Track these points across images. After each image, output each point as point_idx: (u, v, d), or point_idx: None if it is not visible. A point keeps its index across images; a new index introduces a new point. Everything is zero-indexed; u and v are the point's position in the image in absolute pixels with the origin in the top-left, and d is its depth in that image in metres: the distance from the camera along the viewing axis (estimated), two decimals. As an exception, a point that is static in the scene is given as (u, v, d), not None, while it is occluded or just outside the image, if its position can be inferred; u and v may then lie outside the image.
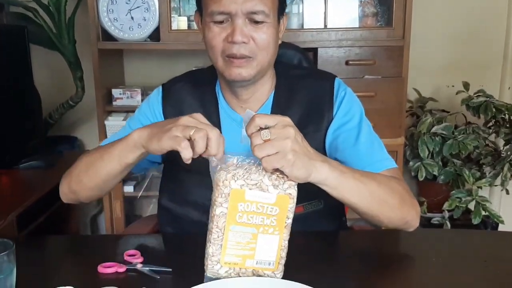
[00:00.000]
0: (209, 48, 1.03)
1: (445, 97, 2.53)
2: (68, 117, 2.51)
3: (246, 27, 0.99)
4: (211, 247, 0.81)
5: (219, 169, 0.79)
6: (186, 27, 2.19)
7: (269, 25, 1.01)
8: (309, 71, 1.21)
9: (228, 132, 1.08)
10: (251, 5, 0.98)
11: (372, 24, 2.20)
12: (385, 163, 1.05)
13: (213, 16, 0.99)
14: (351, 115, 1.09)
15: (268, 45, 1.01)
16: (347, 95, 1.11)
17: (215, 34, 1.00)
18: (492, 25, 2.51)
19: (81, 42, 2.26)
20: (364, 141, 1.07)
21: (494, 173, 2.25)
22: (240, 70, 1.01)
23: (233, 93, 1.10)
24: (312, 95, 1.11)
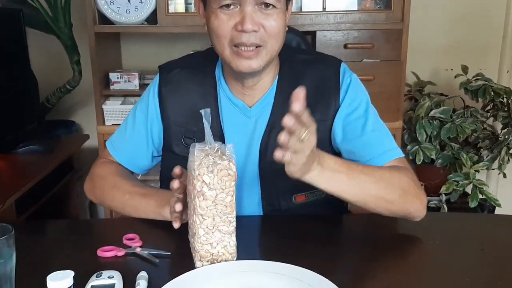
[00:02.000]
0: (215, 36, 0.98)
1: (443, 80, 2.52)
2: (66, 101, 2.49)
3: (256, 14, 0.94)
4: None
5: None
6: (184, 10, 2.17)
7: (279, 11, 0.96)
8: (314, 56, 1.17)
9: (229, 118, 1.08)
10: None
11: (371, 7, 2.18)
12: (391, 153, 1.03)
13: (220, 2, 0.94)
14: (358, 103, 1.07)
15: (278, 33, 0.97)
16: (353, 82, 1.09)
17: (222, 21, 0.95)
18: (491, 9, 2.49)
19: (78, 26, 2.24)
20: (370, 131, 1.05)
21: (492, 157, 2.25)
22: (250, 62, 0.97)
23: (237, 80, 1.06)
24: (317, 82, 1.07)
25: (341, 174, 0.88)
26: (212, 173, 0.79)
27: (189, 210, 0.86)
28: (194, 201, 0.81)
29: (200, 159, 0.80)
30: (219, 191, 0.80)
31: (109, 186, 1.10)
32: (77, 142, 2.23)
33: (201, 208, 0.81)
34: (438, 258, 0.90)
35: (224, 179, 0.79)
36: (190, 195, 0.84)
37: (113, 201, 1.09)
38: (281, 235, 0.99)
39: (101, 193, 1.12)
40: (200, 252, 0.83)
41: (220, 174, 0.79)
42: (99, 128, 2.13)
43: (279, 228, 1.03)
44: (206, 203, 0.81)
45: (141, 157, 1.17)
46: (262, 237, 1.04)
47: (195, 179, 0.80)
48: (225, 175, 0.79)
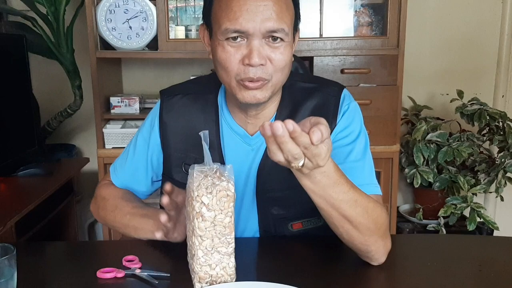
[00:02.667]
0: (222, 69, 0.97)
1: (439, 105, 2.56)
2: (66, 125, 2.52)
3: (263, 48, 0.93)
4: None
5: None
6: (184, 37, 2.21)
7: (286, 45, 0.95)
8: (316, 83, 1.13)
9: (230, 145, 1.08)
10: (271, 24, 0.92)
11: (367, 33, 2.23)
12: (369, 187, 1.01)
13: (227, 34, 0.93)
14: (349, 131, 1.06)
15: (285, 66, 0.96)
16: (350, 109, 1.08)
17: (229, 55, 0.94)
18: (485, 34, 2.54)
19: (80, 51, 2.28)
20: (353, 160, 1.03)
21: (489, 180, 2.27)
22: (255, 93, 0.96)
23: (241, 109, 1.05)
24: (315, 110, 1.06)
25: (330, 179, 0.84)
26: (211, 194, 0.80)
27: (188, 232, 0.87)
28: (193, 222, 0.82)
29: (199, 180, 0.81)
30: (218, 212, 0.81)
31: (111, 208, 1.12)
32: (77, 166, 2.24)
33: (200, 229, 0.82)
34: (436, 279, 0.91)
35: (223, 200, 0.81)
36: (189, 216, 0.85)
37: (115, 222, 1.11)
38: (279, 256, 1.00)
39: (104, 214, 1.14)
40: (199, 274, 0.84)
41: (219, 195, 0.80)
42: (99, 152, 2.15)
43: (277, 249, 1.04)
44: (205, 224, 0.82)
45: (140, 183, 1.18)
46: (260, 259, 1.05)
47: (194, 200, 0.81)
48: (224, 196, 0.81)
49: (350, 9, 2.24)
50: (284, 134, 0.73)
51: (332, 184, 0.84)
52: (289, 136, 0.73)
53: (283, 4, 0.94)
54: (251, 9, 0.91)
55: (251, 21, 0.91)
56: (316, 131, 0.73)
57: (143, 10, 2.08)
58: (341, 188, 0.85)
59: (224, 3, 0.93)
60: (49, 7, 2.12)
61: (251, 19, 0.91)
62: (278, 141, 0.74)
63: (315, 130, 0.73)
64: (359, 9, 2.24)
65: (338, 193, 0.85)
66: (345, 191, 0.86)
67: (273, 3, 0.92)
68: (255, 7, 0.91)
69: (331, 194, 0.85)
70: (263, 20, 0.91)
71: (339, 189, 0.85)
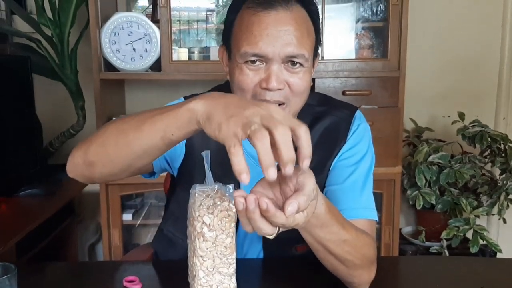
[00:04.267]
0: (238, 89, 0.95)
1: (441, 127, 2.56)
2: (69, 146, 2.53)
3: (282, 72, 0.92)
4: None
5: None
6: (187, 58, 2.23)
7: (305, 70, 0.94)
8: (329, 105, 1.11)
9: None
10: (291, 49, 0.91)
11: (368, 55, 2.25)
12: (365, 212, 1.00)
13: (246, 57, 0.92)
14: (354, 152, 1.05)
15: (303, 91, 0.95)
16: (358, 130, 1.07)
17: (246, 77, 0.93)
18: (485, 57, 2.57)
19: (83, 72, 2.30)
20: (353, 181, 1.02)
21: (491, 202, 2.26)
22: None
23: None
24: (326, 133, 1.06)
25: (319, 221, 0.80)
26: (212, 214, 0.80)
27: (189, 252, 0.87)
28: (194, 242, 0.82)
29: (201, 200, 0.81)
30: (219, 232, 0.81)
31: (111, 131, 0.88)
32: (78, 186, 2.24)
33: (201, 249, 0.81)
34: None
35: (224, 220, 0.81)
36: (190, 236, 0.85)
37: (118, 140, 0.84)
38: (281, 277, 0.99)
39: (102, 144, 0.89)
40: None
41: (220, 215, 0.80)
42: (101, 172, 2.14)
43: (281, 271, 1.03)
44: (206, 244, 0.81)
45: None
46: (264, 280, 1.04)
47: (195, 220, 0.81)
48: (225, 216, 0.81)
49: (351, 32, 2.27)
50: (255, 211, 0.67)
51: (320, 225, 0.81)
52: (259, 214, 0.68)
53: (304, 30, 0.93)
54: (271, 34, 0.90)
55: (271, 45, 0.90)
56: (292, 204, 0.67)
57: (147, 32, 2.11)
58: (330, 229, 0.82)
59: (245, 26, 0.93)
60: (54, 29, 2.15)
61: (271, 44, 0.90)
62: (248, 216, 0.68)
63: (292, 202, 0.67)
64: (360, 32, 2.27)
65: (326, 233, 0.83)
66: (335, 231, 0.83)
67: (294, 28, 0.91)
68: (276, 31, 0.90)
69: (318, 234, 0.82)
70: (283, 45, 0.90)
71: (328, 230, 0.82)
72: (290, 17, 0.91)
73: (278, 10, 0.91)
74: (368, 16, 2.27)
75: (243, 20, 0.94)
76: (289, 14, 0.91)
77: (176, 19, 2.31)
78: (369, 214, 1.01)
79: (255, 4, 0.92)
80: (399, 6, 2.09)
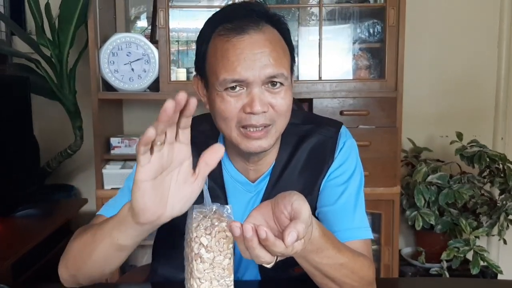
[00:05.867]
0: (221, 119, 0.93)
1: (439, 147, 2.56)
2: (66, 166, 2.52)
3: (264, 95, 0.91)
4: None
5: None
6: (185, 78, 2.24)
7: (286, 89, 0.93)
8: (313, 123, 1.10)
9: (233, 195, 1.05)
10: (270, 70, 0.90)
11: (365, 76, 2.26)
12: (359, 232, 0.99)
13: (225, 85, 0.90)
14: (343, 170, 1.04)
15: (287, 110, 0.95)
16: (345, 147, 1.06)
17: (229, 104, 0.91)
18: (482, 77, 2.58)
19: (81, 92, 2.30)
20: (344, 201, 1.01)
21: (491, 223, 2.25)
22: (260, 142, 0.93)
23: (242, 157, 1.02)
24: (313, 152, 1.05)
25: (314, 246, 0.80)
26: (210, 235, 0.79)
27: (186, 274, 0.85)
28: (192, 264, 0.81)
29: (198, 221, 0.80)
30: (217, 253, 0.80)
31: (75, 247, 0.93)
32: (75, 206, 2.23)
33: (198, 271, 0.80)
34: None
35: (222, 241, 0.80)
36: (187, 258, 0.84)
37: (82, 254, 0.89)
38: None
39: (73, 261, 0.93)
40: None
41: (218, 236, 0.79)
42: (98, 192, 2.13)
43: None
44: (203, 266, 0.80)
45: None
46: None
47: (193, 241, 0.80)
48: (223, 237, 0.80)
49: (349, 52, 2.29)
50: (253, 239, 0.67)
51: (315, 250, 0.80)
52: (258, 242, 0.68)
53: (279, 49, 0.93)
54: (248, 57, 0.90)
55: (250, 69, 0.89)
56: (292, 233, 0.67)
57: (145, 53, 2.12)
58: (326, 253, 0.82)
59: (220, 54, 0.92)
60: (54, 50, 2.16)
61: (250, 67, 0.89)
62: (246, 245, 0.68)
63: (292, 233, 0.67)
64: (357, 52, 2.29)
65: (322, 258, 0.82)
66: (330, 255, 0.83)
67: (269, 50, 0.91)
68: (252, 55, 0.90)
69: (314, 259, 0.82)
70: (262, 67, 0.90)
71: (323, 254, 0.82)
72: (264, 39, 0.91)
73: (251, 34, 0.91)
74: (365, 37, 2.29)
75: (217, 48, 0.93)
76: (262, 36, 0.91)
77: (174, 39, 2.33)
78: (363, 234, 1.00)
79: (226, 31, 0.92)
80: (395, 27, 2.11)
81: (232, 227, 0.68)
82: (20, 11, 2.48)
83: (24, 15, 2.49)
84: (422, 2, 2.48)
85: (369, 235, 1.01)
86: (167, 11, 2.11)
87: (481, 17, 2.55)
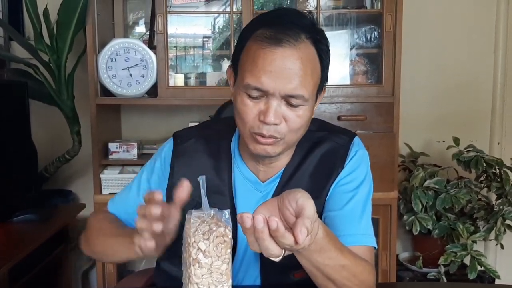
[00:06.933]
0: (239, 118, 0.97)
1: (436, 151, 2.57)
2: (64, 171, 2.51)
3: (281, 108, 0.92)
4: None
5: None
6: (183, 84, 2.25)
7: (305, 109, 0.95)
8: (327, 130, 1.11)
9: (241, 193, 1.06)
10: (291, 88, 0.91)
11: (362, 81, 2.27)
12: (363, 238, 1.01)
13: (248, 89, 0.93)
14: (352, 178, 1.06)
15: (300, 127, 0.96)
16: (356, 157, 1.08)
17: (247, 108, 0.94)
18: (479, 82, 2.60)
19: (80, 97, 2.31)
20: (351, 208, 1.02)
21: (488, 227, 2.25)
22: (266, 148, 0.96)
23: (253, 157, 1.04)
24: (324, 158, 1.06)
25: (317, 245, 0.80)
26: (208, 240, 0.79)
27: (184, 279, 0.85)
28: (190, 269, 0.81)
29: (196, 226, 0.81)
30: (215, 258, 0.80)
31: (95, 232, 1.11)
32: (73, 212, 2.23)
33: (196, 276, 0.80)
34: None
35: (220, 246, 0.80)
36: (185, 263, 0.84)
37: (97, 246, 1.10)
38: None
39: (92, 241, 1.12)
40: None
41: (216, 241, 0.79)
42: (96, 197, 2.14)
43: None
44: (201, 271, 0.80)
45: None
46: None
47: (191, 246, 0.80)
48: (221, 242, 0.80)
49: (346, 58, 2.30)
50: (264, 231, 0.69)
51: (318, 250, 0.80)
52: (268, 234, 0.69)
53: (308, 69, 0.93)
54: (275, 70, 0.90)
55: (273, 82, 0.90)
56: (303, 230, 0.69)
57: (143, 58, 2.13)
58: (328, 254, 0.83)
59: (251, 58, 0.93)
60: (52, 55, 2.16)
61: (273, 81, 0.90)
62: (256, 236, 0.70)
63: (302, 229, 0.69)
64: (355, 58, 2.30)
65: (325, 258, 0.83)
66: (332, 257, 0.84)
67: (298, 68, 0.91)
68: (280, 69, 0.90)
69: (316, 259, 0.82)
70: (285, 84, 0.90)
71: (325, 255, 0.82)
72: (296, 56, 0.91)
73: (285, 48, 0.91)
74: (363, 42, 2.30)
75: (250, 51, 0.94)
76: (296, 53, 0.91)
77: (173, 45, 2.34)
78: (368, 240, 1.02)
79: (264, 37, 0.92)
80: (392, 32, 2.13)
81: (243, 218, 0.70)
82: (18, 16, 2.49)
83: (22, 20, 2.49)
84: (419, 8, 2.49)
85: (373, 243, 1.02)
86: (165, 16, 2.11)
87: (477, 22, 2.57)
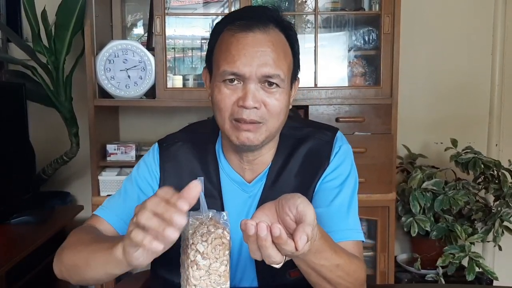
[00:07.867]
0: (217, 110, 0.98)
1: (434, 153, 2.58)
2: (62, 172, 2.51)
3: (259, 92, 0.95)
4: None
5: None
6: (181, 85, 2.25)
7: (282, 91, 0.97)
8: (310, 128, 1.13)
9: (229, 195, 1.06)
10: (267, 69, 0.94)
11: (360, 83, 2.27)
12: (351, 233, 1.01)
13: (224, 76, 0.95)
14: (337, 174, 1.06)
15: (280, 112, 0.98)
16: (340, 152, 1.08)
17: (224, 96, 0.96)
18: (476, 84, 2.60)
19: (78, 99, 2.30)
20: (339, 204, 1.03)
21: (486, 229, 2.25)
22: (248, 134, 0.96)
23: (236, 154, 1.05)
24: (309, 156, 1.07)
25: (312, 247, 0.79)
26: (206, 242, 0.79)
27: (182, 281, 0.85)
28: (188, 271, 0.81)
29: (194, 227, 0.80)
30: (213, 260, 0.80)
31: (69, 260, 0.97)
32: (70, 213, 2.22)
33: (194, 278, 0.80)
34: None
35: (218, 247, 0.80)
36: (183, 265, 0.84)
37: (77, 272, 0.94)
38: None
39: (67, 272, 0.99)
40: None
41: (214, 243, 0.79)
42: (94, 199, 2.13)
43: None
44: (199, 273, 0.80)
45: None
46: (256, 310, 1.03)
47: (189, 248, 0.80)
48: (219, 243, 0.80)
49: (344, 59, 2.30)
50: (267, 238, 0.69)
51: (313, 251, 0.81)
52: (271, 241, 0.70)
53: (280, 52, 0.97)
54: (248, 54, 0.94)
55: (248, 65, 0.94)
56: (303, 237, 0.70)
57: (142, 60, 2.13)
58: (323, 255, 0.83)
59: (224, 46, 0.97)
60: (50, 57, 2.16)
61: (248, 64, 0.94)
62: (259, 244, 0.70)
63: (302, 236, 0.70)
64: (353, 60, 2.30)
65: (320, 259, 0.84)
66: (327, 257, 0.84)
67: (270, 50, 0.95)
68: (253, 52, 0.94)
69: (312, 260, 0.83)
70: (259, 65, 0.94)
71: (320, 255, 0.83)
72: (267, 39, 0.96)
73: (256, 32, 0.96)
74: (361, 44, 2.30)
75: (223, 42, 0.98)
76: (266, 37, 0.96)
77: (171, 47, 2.34)
78: (356, 235, 1.02)
79: (234, 26, 0.97)
80: (390, 34, 2.13)
81: (248, 225, 0.70)
82: (17, 17, 2.49)
83: (21, 22, 2.49)
84: (417, 10, 2.50)
85: (361, 237, 1.03)
86: (163, 18, 2.11)
87: (475, 24, 2.58)
